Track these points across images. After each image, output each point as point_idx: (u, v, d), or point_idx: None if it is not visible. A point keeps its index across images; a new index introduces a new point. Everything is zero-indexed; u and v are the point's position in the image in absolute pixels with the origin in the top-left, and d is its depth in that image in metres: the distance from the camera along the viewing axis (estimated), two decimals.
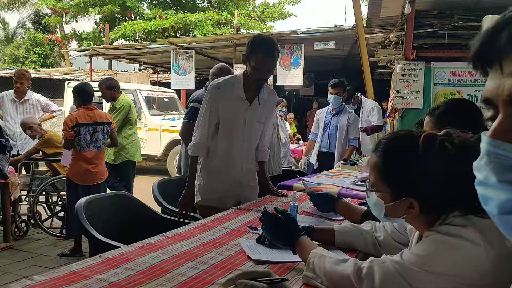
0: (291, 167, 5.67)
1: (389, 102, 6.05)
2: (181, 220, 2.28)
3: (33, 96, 5.07)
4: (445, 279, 0.91)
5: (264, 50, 2.19)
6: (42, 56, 21.05)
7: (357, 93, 5.58)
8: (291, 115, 10.19)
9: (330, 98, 4.36)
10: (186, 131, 3.13)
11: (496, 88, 0.48)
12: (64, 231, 4.08)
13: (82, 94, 3.75)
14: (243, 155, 2.36)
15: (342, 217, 1.89)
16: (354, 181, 2.85)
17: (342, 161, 4.09)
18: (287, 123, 7.22)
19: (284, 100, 6.04)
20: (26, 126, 4.41)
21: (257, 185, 2.50)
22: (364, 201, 2.11)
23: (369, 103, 5.54)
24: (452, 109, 1.59)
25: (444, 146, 0.98)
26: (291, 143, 7.11)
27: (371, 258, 1.06)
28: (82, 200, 2.16)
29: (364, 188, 2.64)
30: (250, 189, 2.43)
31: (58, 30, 20.70)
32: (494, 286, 0.88)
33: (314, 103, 12.26)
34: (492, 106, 0.50)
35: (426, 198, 1.00)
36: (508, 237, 0.46)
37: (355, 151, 4.79)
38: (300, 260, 1.30)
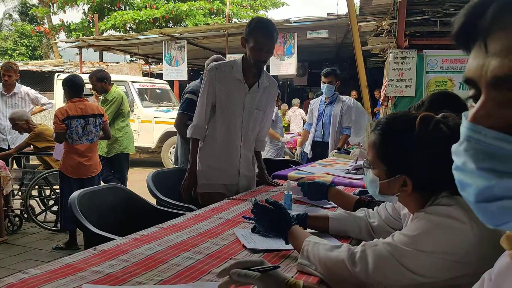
0: (285, 157, 5.68)
1: (382, 90, 6.06)
2: (185, 206, 2.31)
3: (22, 89, 5.00)
4: (435, 256, 0.95)
5: (263, 31, 2.18)
6: (30, 48, 20.78)
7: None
8: (284, 106, 10.18)
9: (323, 87, 4.35)
10: (181, 123, 3.12)
11: (479, 68, 0.45)
12: (58, 225, 4.06)
13: (72, 87, 3.70)
14: (242, 142, 2.36)
15: (335, 205, 1.90)
16: (348, 169, 2.86)
17: (335, 150, 4.10)
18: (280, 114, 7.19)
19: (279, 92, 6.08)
20: (12, 122, 4.35)
21: (254, 174, 2.51)
22: (358, 190, 2.13)
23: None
24: (437, 104, 1.59)
25: (439, 128, 1.02)
26: (285, 133, 7.13)
27: (363, 242, 1.08)
28: (76, 193, 2.14)
29: (357, 176, 2.67)
30: (248, 178, 2.45)
31: (45, 21, 20.39)
32: (479, 261, 0.91)
33: (310, 93, 12.25)
34: (474, 86, 0.47)
35: (419, 177, 1.05)
36: (484, 223, 0.45)
37: None
38: (293, 247, 1.31)
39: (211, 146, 2.35)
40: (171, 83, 10.07)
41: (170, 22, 16.76)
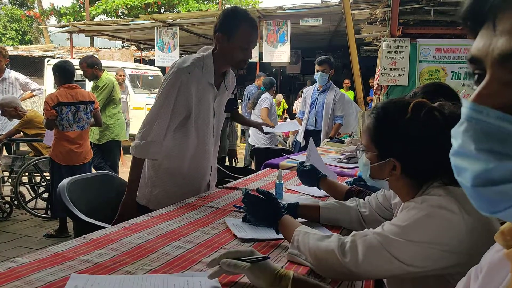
0: (277, 145, 5.68)
1: (375, 79, 6.06)
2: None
3: (12, 74, 4.92)
4: (425, 247, 0.95)
5: (249, 24, 1.83)
6: (20, 32, 20.41)
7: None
8: (279, 96, 10.12)
9: (317, 75, 4.34)
10: None
11: (486, 47, 0.44)
12: (48, 212, 4.04)
13: (63, 72, 3.65)
14: (213, 153, 2.05)
15: (327, 195, 1.91)
16: (340, 158, 2.87)
17: (327, 139, 4.11)
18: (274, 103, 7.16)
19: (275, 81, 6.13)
20: (0, 108, 4.28)
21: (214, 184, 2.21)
22: (353, 179, 2.14)
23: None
24: (430, 94, 1.59)
25: (432, 115, 1.03)
26: (279, 121, 7.13)
27: (353, 232, 1.08)
28: (65, 181, 2.12)
29: (349, 165, 2.68)
30: (212, 188, 2.14)
31: (36, 5, 20.00)
32: (470, 252, 0.92)
33: (309, 81, 12.21)
34: (479, 66, 0.46)
35: (408, 161, 1.07)
36: (480, 210, 0.44)
37: None
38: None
39: (177, 163, 1.93)
40: (163, 69, 9.97)
41: (163, 7, 16.53)
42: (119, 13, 16.39)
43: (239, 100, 5.92)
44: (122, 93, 6.97)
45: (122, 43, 15.09)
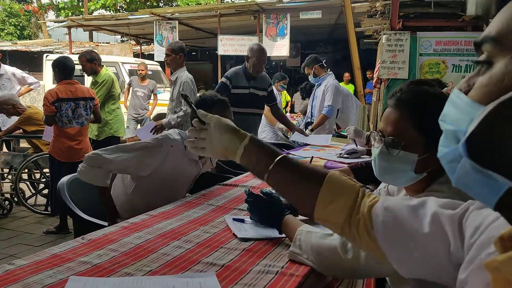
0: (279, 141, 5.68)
1: (375, 72, 6.03)
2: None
3: (8, 69, 4.89)
4: None
5: (222, 102, 1.97)
6: (18, 27, 20.32)
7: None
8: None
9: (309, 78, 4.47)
10: None
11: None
12: (49, 209, 4.04)
13: (63, 68, 3.62)
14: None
15: None
16: (340, 153, 2.85)
17: (310, 127, 4.18)
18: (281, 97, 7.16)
19: (287, 77, 6.26)
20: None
21: None
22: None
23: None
24: None
25: None
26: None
27: None
28: (65, 178, 2.11)
29: (349, 161, 2.66)
30: None
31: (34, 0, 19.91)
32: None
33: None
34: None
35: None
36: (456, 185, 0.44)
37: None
38: (285, 236, 1.30)
39: (148, 182, 1.92)
40: (162, 64, 9.92)
41: (162, 1, 16.43)
42: (118, 8, 16.30)
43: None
44: (143, 87, 6.98)
45: (121, 37, 15.02)
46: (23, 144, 5.01)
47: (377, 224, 0.71)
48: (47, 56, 9.08)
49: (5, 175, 4.28)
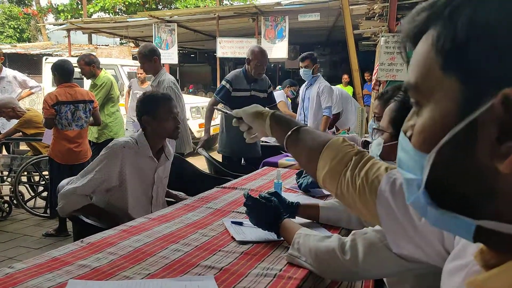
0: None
1: (373, 74, 6.04)
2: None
3: (9, 72, 4.89)
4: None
5: (164, 98, 2.04)
6: (18, 30, 20.33)
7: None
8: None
9: (301, 71, 4.35)
10: (209, 104, 3.63)
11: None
12: (48, 211, 4.04)
13: (62, 72, 3.63)
14: (152, 200, 2.10)
15: (327, 194, 1.91)
16: None
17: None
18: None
19: (297, 84, 6.14)
20: None
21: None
22: None
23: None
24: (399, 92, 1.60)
25: None
26: None
27: (353, 231, 1.08)
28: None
29: None
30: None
31: (33, 2, 19.90)
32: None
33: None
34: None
35: None
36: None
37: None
38: (283, 239, 1.31)
39: (119, 193, 1.98)
40: None
41: (160, 4, 16.46)
42: (117, 10, 16.32)
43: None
44: (143, 90, 7.00)
45: (120, 40, 15.04)
46: (23, 147, 5.01)
47: (381, 198, 0.75)
48: (46, 58, 9.08)
49: (5, 177, 4.28)
